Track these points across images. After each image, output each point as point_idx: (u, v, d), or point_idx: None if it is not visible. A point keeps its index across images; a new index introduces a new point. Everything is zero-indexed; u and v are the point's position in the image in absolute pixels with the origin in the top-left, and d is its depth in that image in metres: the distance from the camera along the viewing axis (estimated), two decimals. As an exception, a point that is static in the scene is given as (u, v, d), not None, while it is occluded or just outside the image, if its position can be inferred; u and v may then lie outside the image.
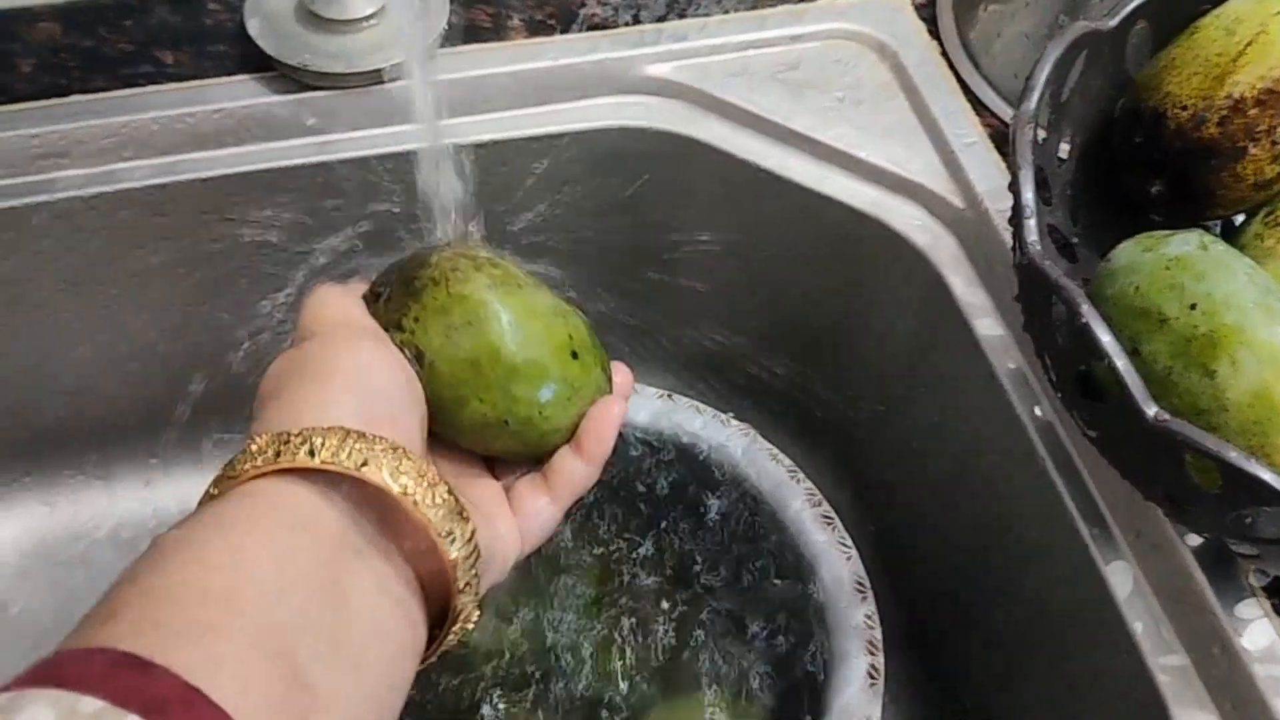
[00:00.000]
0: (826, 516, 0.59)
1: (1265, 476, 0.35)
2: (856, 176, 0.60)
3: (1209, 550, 0.45)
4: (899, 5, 0.65)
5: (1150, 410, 0.37)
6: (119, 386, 0.65)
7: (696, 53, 0.62)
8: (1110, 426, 0.42)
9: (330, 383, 0.34)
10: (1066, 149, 0.49)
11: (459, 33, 0.60)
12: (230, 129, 0.57)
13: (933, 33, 0.64)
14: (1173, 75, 0.46)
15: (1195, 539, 0.45)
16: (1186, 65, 0.46)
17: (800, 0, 0.65)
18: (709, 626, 0.61)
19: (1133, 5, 0.48)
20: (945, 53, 0.63)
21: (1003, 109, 0.60)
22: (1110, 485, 0.49)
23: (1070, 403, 0.44)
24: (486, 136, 0.59)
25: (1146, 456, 0.39)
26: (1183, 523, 0.45)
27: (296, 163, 0.58)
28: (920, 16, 0.64)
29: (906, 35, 0.63)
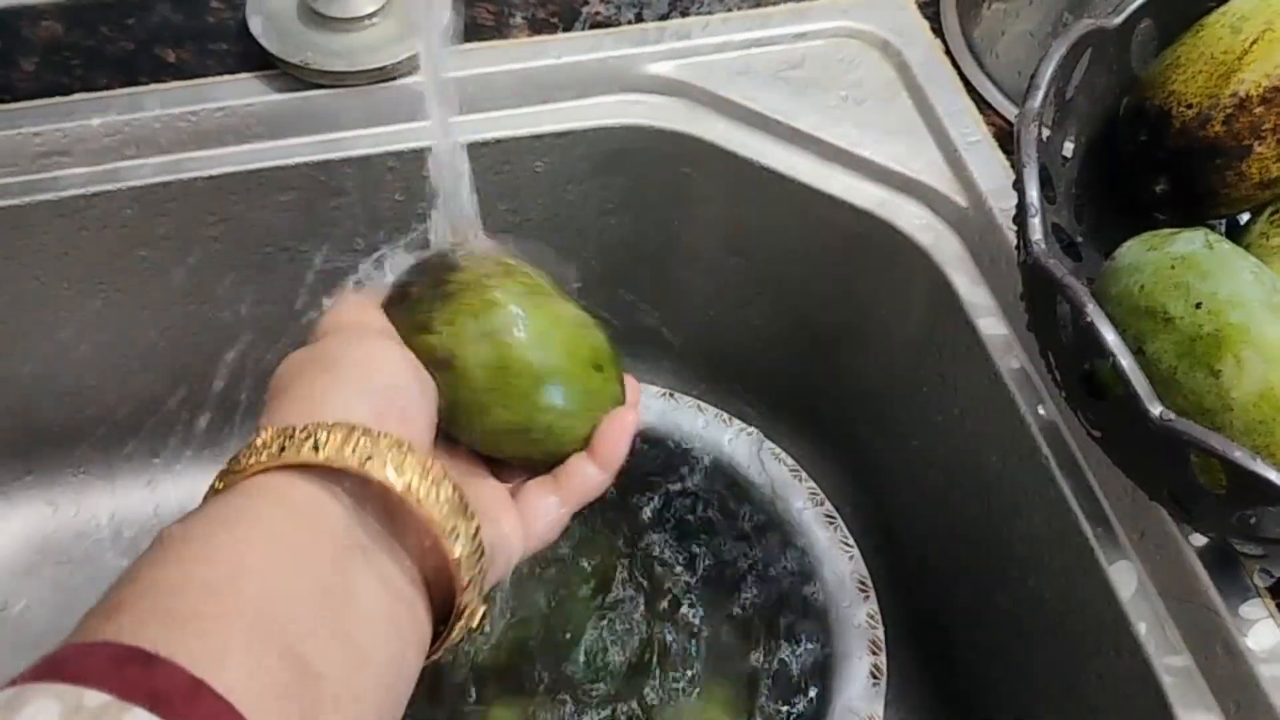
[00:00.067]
0: (829, 516, 0.59)
1: (1270, 476, 0.35)
2: (860, 175, 0.59)
3: (1213, 550, 0.45)
4: (903, 3, 0.65)
5: (1155, 410, 0.37)
6: (121, 385, 0.65)
7: (699, 51, 0.62)
8: (1114, 426, 0.42)
9: (339, 379, 0.34)
10: (1071, 147, 0.49)
11: (462, 31, 0.60)
12: (232, 127, 0.57)
13: (936, 31, 0.64)
14: (1178, 73, 0.46)
15: (1200, 539, 0.45)
16: (1191, 63, 0.46)
17: (803, -2, 0.65)
18: (710, 626, 0.61)
19: (1138, 3, 0.47)
20: (949, 51, 0.63)
21: (1007, 107, 0.60)
22: (1114, 485, 0.49)
23: (1074, 402, 0.44)
24: (489, 135, 0.60)
25: (1151, 456, 0.39)
26: (1187, 522, 0.45)
27: (298, 161, 0.58)
28: (924, 14, 0.64)
29: (910, 33, 0.63)
